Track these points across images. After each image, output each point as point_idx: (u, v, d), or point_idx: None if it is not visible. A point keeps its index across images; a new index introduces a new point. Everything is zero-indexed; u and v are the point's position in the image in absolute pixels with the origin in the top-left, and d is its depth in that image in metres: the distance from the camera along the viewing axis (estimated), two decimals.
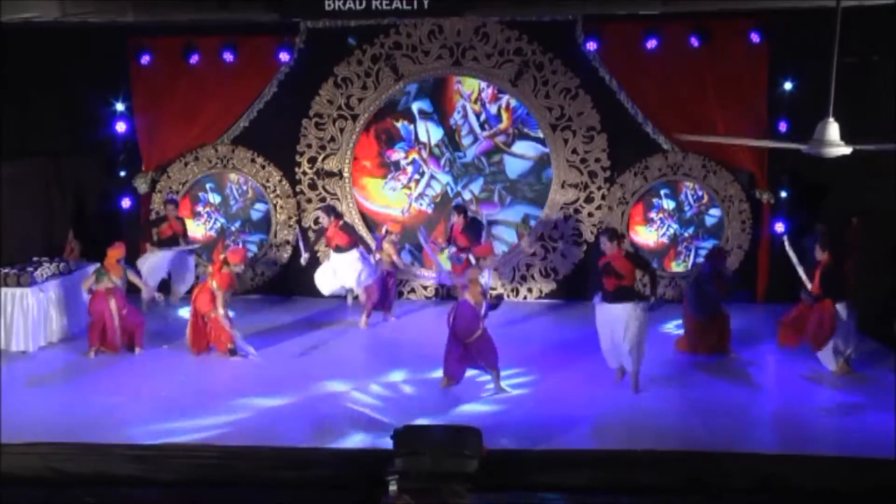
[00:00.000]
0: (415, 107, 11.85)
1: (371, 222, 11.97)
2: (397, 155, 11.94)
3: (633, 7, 10.27)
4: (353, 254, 9.62)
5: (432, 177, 11.98)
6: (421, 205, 12.00)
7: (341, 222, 9.71)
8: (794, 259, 9.35)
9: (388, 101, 11.80)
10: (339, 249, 9.51)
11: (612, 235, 8.49)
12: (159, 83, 11.76)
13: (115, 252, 9.57)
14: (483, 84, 11.77)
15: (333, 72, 11.77)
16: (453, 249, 10.62)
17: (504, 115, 11.86)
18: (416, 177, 11.96)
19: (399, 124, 11.89)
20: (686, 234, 11.89)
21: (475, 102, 11.85)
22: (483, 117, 11.88)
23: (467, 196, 11.97)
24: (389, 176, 11.99)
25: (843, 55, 6.43)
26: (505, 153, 11.92)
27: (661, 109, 11.54)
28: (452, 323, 8.37)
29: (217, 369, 9.28)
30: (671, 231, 11.93)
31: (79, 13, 9.64)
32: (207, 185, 12.24)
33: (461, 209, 10.86)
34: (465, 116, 11.87)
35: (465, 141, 11.90)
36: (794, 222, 11.41)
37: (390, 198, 12.03)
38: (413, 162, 11.94)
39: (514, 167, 11.93)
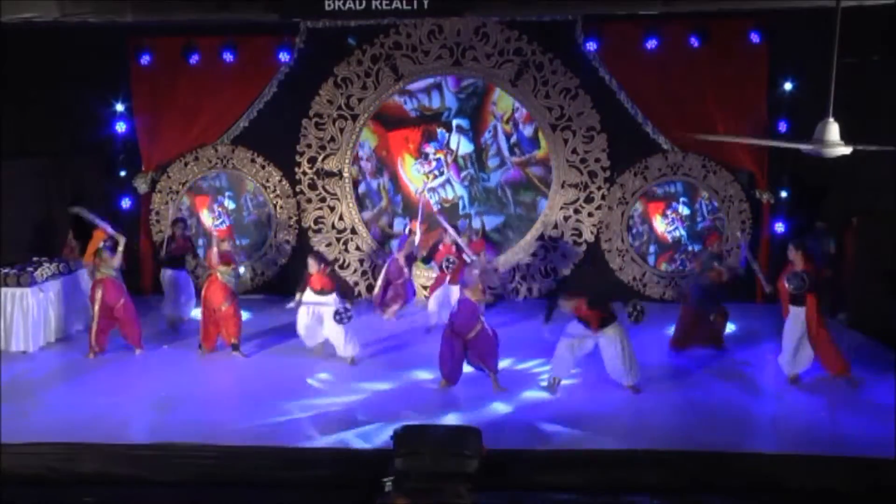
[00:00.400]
0: (454, 122, 11.91)
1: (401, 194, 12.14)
2: (430, 149, 11.99)
3: (633, 7, 10.27)
4: (333, 296, 9.50)
5: (449, 181, 12.03)
6: (430, 198, 12.00)
7: (329, 269, 9.60)
8: (751, 258, 9.59)
9: (434, 113, 11.91)
10: (321, 292, 9.40)
11: (568, 297, 8.31)
12: (159, 83, 11.76)
13: (101, 234, 9.71)
14: (517, 104, 11.75)
15: (333, 72, 11.78)
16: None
17: (543, 142, 11.84)
18: (436, 172, 12.02)
19: (439, 130, 11.95)
20: (689, 249, 11.88)
21: (506, 123, 11.85)
22: (514, 139, 11.88)
23: (477, 224, 11.93)
24: (419, 160, 12.05)
25: (843, 55, 6.43)
26: (542, 196, 11.94)
27: (661, 109, 11.55)
28: (451, 317, 8.42)
29: (215, 371, 9.29)
30: (678, 234, 11.93)
31: (78, 13, 9.63)
32: (226, 193, 12.26)
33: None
34: (496, 137, 11.90)
35: (492, 163, 11.93)
36: (794, 222, 11.42)
37: (413, 176, 12.09)
38: (438, 160, 12.00)
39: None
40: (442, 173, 12.04)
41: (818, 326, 8.54)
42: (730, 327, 10.20)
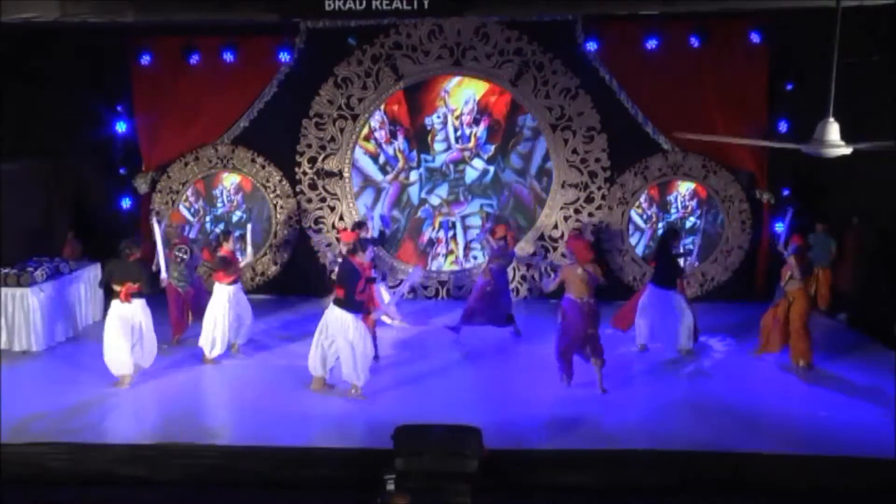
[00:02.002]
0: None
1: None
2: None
3: (633, 7, 10.26)
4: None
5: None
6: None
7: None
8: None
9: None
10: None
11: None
12: (159, 83, 11.75)
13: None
14: (465, 109, 11.83)
15: (333, 72, 11.78)
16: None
17: (472, 138, 11.94)
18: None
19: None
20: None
21: (456, 118, 11.91)
22: (458, 133, 11.96)
23: (435, 201, 12.06)
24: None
25: (843, 55, 6.43)
26: (467, 164, 12.04)
27: (661, 110, 11.54)
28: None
29: (217, 373, 9.29)
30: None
31: (79, 13, 9.62)
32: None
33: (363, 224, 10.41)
34: (445, 124, 11.95)
35: (438, 146, 11.99)
36: (793, 222, 11.41)
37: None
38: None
39: (469, 174, 12.06)
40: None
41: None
42: (730, 327, 10.24)
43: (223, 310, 9.28)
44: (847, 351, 9.79)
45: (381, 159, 12.07)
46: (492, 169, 12.07)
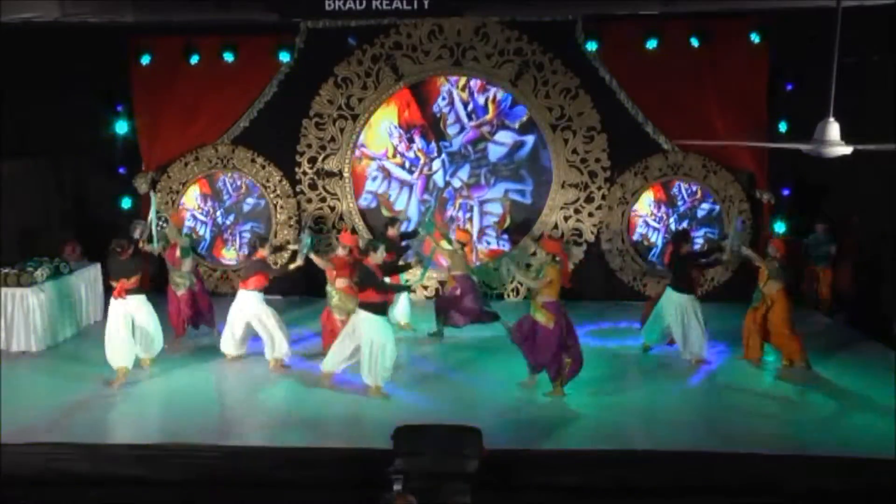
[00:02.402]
0: None
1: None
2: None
3: (633, 7, 10.27)
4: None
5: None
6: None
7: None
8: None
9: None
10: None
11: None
12: (159, 83, 11.76)
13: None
14: None
15: (333, 72, 11.78)
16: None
17: (490, 107, 11.89)
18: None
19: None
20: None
21: (463, 90, 11.88)
22: (470, 107, 11.92)
23: (457, 184, 12.06)
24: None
25: (843, 55, 6.43)
26: (488, 142, 11.98)
27: (661, 109, 11.55)
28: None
29: (217, 373, 9.29)
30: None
31: (79, 13, 9.64)
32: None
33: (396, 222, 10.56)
34: (452, 104, 11.90)
35: (451, 130, 11.95)
36: (794, 222, 11.43)
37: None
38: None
39: (495, 152, 12.01)
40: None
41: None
42: (731, 327, 10.22)
43: (254, 317, 9.02)
44: (847, 351, 9.79)
45: (407, 164, 12.07)
46: (530, 140, 11.94)
